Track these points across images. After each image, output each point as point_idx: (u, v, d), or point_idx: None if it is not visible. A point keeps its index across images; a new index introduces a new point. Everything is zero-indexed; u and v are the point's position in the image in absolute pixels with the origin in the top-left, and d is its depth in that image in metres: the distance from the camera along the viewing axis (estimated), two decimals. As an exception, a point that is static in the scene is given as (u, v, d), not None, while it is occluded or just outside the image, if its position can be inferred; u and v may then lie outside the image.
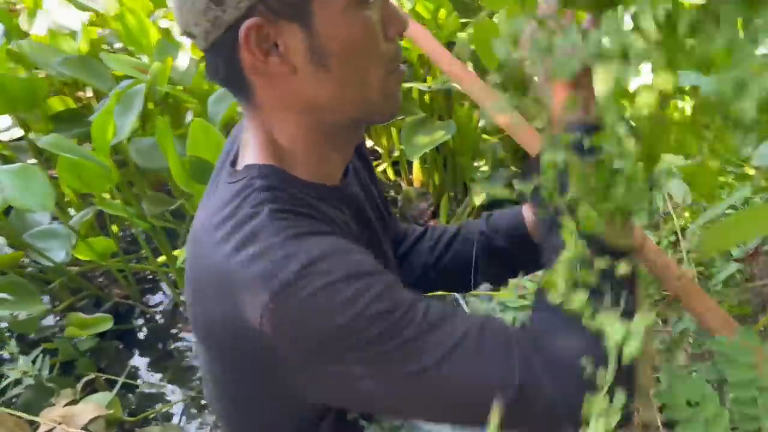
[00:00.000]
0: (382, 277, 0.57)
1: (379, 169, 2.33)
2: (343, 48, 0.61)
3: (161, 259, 2.00)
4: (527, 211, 0.90)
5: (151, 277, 2.18)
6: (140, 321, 2.04)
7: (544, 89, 0.62)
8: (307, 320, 0.54)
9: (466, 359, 0.56)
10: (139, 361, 1.93)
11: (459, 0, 1.79)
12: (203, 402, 1.70)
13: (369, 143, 2.40)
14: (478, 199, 1.93)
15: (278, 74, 0.60)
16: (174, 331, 2.01)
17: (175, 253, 1.92)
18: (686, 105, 1.16)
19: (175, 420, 1.71)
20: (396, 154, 2.29)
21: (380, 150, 2.39)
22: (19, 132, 2.17)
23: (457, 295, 1.62)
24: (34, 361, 1.56)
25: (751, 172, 0.97)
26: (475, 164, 2.05)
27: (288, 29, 0.59)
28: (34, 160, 2.22)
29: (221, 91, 1.74)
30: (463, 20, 1.78)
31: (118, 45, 2.14)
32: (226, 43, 0.58)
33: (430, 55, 0.92)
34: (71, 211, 2.10)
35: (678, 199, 1.07)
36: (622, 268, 0.51)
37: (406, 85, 1.79)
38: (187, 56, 1.92)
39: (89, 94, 2.31)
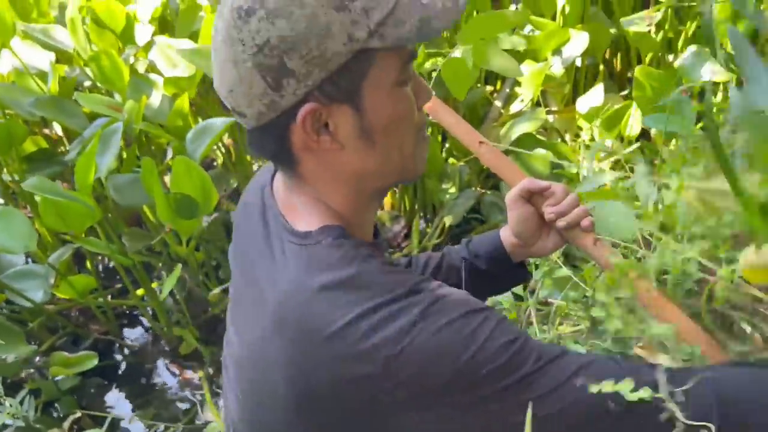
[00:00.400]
0: (492, 312, 0.61)
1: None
2: (388, 123, 0.66)
3: (140, 292, 2.02)
4: (505, 233, 1.00)
5: (128, 311, 2.19)
6: (120, 356, 2.05)
7: None
8: (433, 359, 0.57)
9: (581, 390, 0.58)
10: (121, 397, 1.94)
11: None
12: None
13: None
14: (449, 220, 2.02)
15: (328, 150, 0.65)
16: (149, 366, 2.02)
17: (153, 285, 1.95)
18: None
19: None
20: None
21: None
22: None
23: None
24: (21, 402, 1.56)
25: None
26: (443, 186, 2.14)
27: (339, 110, 0.63)
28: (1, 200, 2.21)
29: (198, 129, 1.79)
30: (429, 51, 1.88)
31: (86, 83, 2.17)
32: (279, 124, 0.63)
33: (451, 128, 1.00)
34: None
35: None
36: None
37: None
38: (159, 94, 1.97)
39: (58, 131, 2.32)
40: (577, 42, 2.04)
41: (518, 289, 1.61)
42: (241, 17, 0.60)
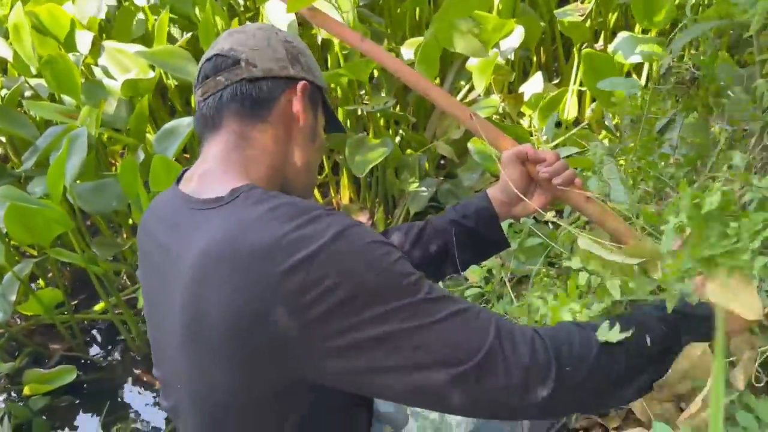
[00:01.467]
0: (397, 250, 0.70)
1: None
2: (318, 144, 0.89)
3: (100, 306, 1.96)
4: (493, 191, 1.09)
5: (90, 325, 2.11)
6: (89, 372, 1.97)
7: None
8: (345, 272, 0.64)
9: (459, 324, 0.67)
10: (93, 414, 1.87)
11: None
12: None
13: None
14: (413, 208, 2.11)
15: (295, 126, 0.84)
16: (121, 380, 1.96)
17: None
18: None
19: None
20: (321, 176, 2.42)
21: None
22: None
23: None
24: None
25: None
26: (402, 177, 2.22)
27: (309, 108, 0.85)
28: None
29: (164, 129, 1.77)
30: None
31: (28, 93, 2.08)
32: (278, 83, 0.83)
33: (441, 105, 1.09)
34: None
35: None
36: None
37: (350, 107, 1.94)
38: (115, 99, 1.93)
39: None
40: (515, 35, 2.20)
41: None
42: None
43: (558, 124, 2.37)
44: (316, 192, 2.47)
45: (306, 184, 0.88)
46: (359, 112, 2.12)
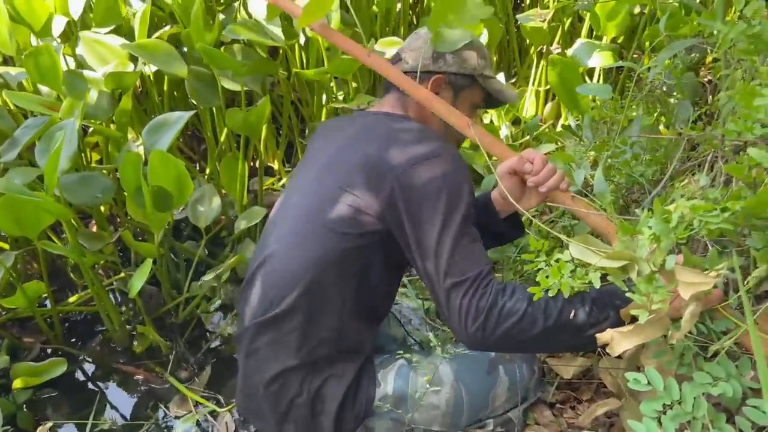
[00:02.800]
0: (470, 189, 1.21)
1: (280, 183, 2.50)
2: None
3: (75, 297, 1.96)
4: (495, 195, 1.31)
5: (62, 319, 2.10)
6: (69, 365, 1.96)
7: None
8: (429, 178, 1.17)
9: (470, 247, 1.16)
10: (81, 406, 1.87)
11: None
12: None
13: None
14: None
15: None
16: (103, 371, 1.96)
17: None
18: None
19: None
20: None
21: (274, 167, 2.55)
22: None
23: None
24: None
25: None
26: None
27: (447, 90, 1.37)
28: None
29: (155, 122, 1.79)
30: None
31: (-2, 83, 2.03)
32: (424, 75, 1.34)
33: (443, 115, 1.33)
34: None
35: None
36: None
37: (337, 105, 2.02)
38: (96, 91, 1.92)
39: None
40: (482, 37, 2.33)
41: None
42: None
43: (517, 122, 2.54)
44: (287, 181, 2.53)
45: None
46: (339, 110, 2.20)
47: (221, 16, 2.23)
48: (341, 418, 1.29)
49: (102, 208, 2.16)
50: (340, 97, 2.26)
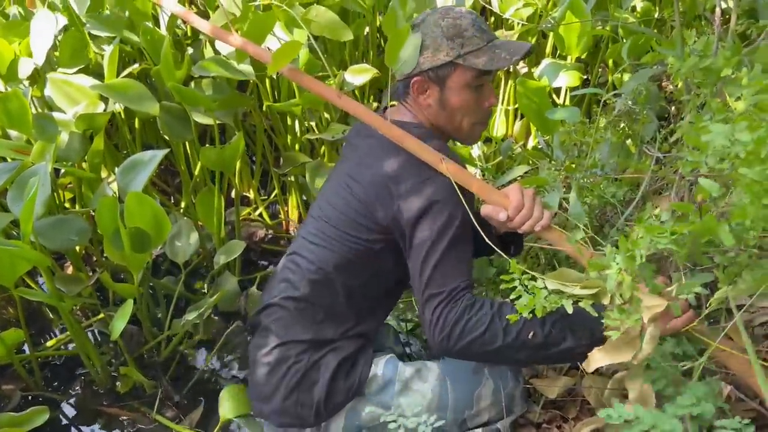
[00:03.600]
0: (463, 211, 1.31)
1: (256, 213, 2.50)
2: (452, 104, 1.41)
3: (53, 341, 1.93)
4: (484, 209, 1.37)
5: (42, 364, 2.06)
6: (51, 411, 1.92)
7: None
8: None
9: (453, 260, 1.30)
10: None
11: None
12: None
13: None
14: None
15: (424, 103, 1.43)
16: (88, 415, 1.93)
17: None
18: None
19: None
20: (271, 197, 2.50)
21: (250, 196, 2.56)
22: None
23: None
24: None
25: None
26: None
27: (432, 87, 1.41)
28: None
29: (128, 163, 1.78)
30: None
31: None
32: (408, 80, 1.42)
33: (414, 151, 1.37)
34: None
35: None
36: None
37: (311, 137, 2.04)
38: (67, 132, 1.91)
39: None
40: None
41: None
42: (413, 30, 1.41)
43: (488, 140, 2.58)
44: (264, 212, 2.53)
45: (460, 138, 1.51)
46: (315, 139, 2.21)
47: (190, 50, 2.23)
48: (333, 389, 1.40)
49: (77, 248, 2.14)
50: (313, 124, 2.28)
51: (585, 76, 2.20)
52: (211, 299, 1.84)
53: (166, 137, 2.13)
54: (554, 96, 2.50)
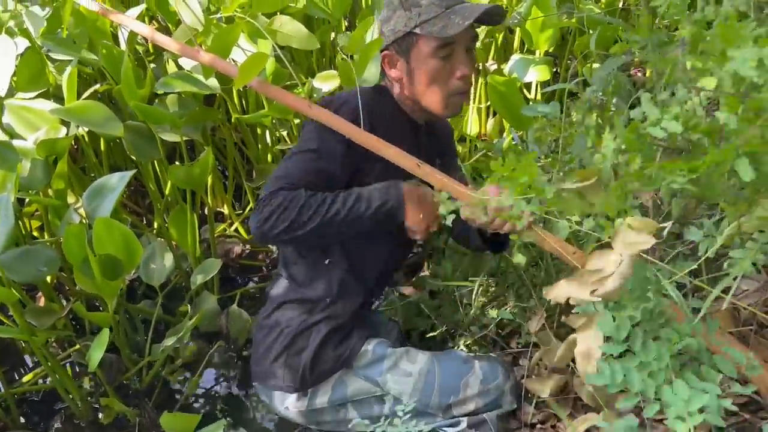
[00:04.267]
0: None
1: (232, 228, 2.45)
2: (419, 75, 1.39)
3: (29, 376, 1.86)
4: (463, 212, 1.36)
5: (18, 400, 1.99)
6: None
7: None
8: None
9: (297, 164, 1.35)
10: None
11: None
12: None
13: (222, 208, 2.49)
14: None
15: (395, 76, 1.43)
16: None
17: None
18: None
19: None
20: (246, 211, 2.44)
21: (224, 212, 2.50)
22: None
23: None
24: None
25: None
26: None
27: (400, 60, 1.40)
28: None
29: (94, 187, 1.72)
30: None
31: None
32: (381, 54, 1.43)
33: (390, 156, 1.34)
34: None
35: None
36: None
37: (280, 148, 1.99)
38: (27, 161, 1.84)
39: None
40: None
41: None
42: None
43: (462, 140, 2.56)
44: (239, 227, 2.48)
45: (432, 111, 1.45)
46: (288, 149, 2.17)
47: (152, 66, 2.18)
48: (320, 355, 1.45)
49: (48, 278, 2.07)
50: (284, 133, 2.23)
51: (555, 69, 2.19)
52: (190, 322, 1.78)
53: (133, 157, 2.07)
54: (525, 91, 2.49)
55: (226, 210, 2.49)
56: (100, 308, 2.13)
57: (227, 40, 1.57)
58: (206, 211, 2.26)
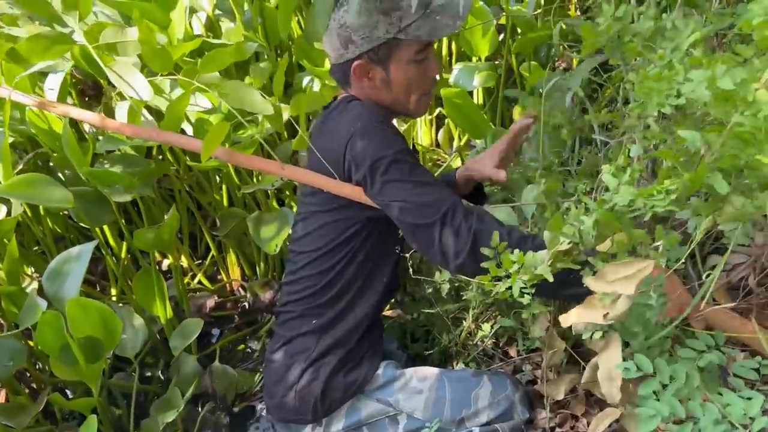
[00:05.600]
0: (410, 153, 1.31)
1: (195, 281, 2.33)
2: (399, 82, 1.36)
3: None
4: (459, 174, 1.59)
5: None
6: None
7: None
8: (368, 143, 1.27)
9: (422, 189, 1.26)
10: None
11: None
12: None
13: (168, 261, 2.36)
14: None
15: (368, 85, 1.37)
16: None
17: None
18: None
19: None
20: (208, 261, 2.34)
21: (184, 265, 2.38)
22: None
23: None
24: None
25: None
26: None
27: (375, 68, 1.35)
28: None
29: (56, 264, 1.60)
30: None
31: None
32: (344, 66, 1.35)
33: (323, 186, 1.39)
34: None
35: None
36: None
37: (247, 190, 1.93)
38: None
39: None
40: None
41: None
42: (336, 7, 1.33)
43: (414, 150, 2.55)
44: (202, 278, 2.37)
45: (408, 113, 1.46)
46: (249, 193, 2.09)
47: (87, 127, 2.05)
48: (331, 384, 1.44)
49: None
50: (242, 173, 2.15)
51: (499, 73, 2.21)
52: (187, 395, 1.67)
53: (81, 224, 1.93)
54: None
55: (185, 262, 2.37)
56: (69, 392, 1.98)
57: (178, 109, 1.52)
58: (164, 267, 2.14)
